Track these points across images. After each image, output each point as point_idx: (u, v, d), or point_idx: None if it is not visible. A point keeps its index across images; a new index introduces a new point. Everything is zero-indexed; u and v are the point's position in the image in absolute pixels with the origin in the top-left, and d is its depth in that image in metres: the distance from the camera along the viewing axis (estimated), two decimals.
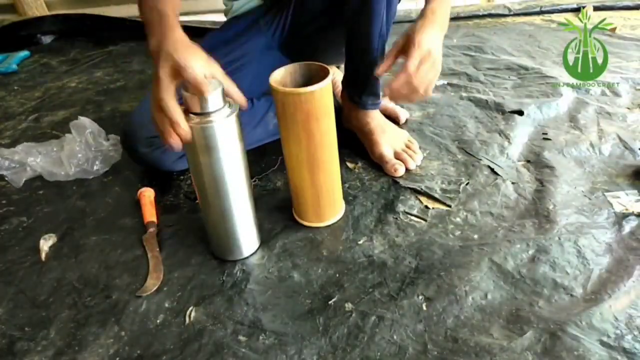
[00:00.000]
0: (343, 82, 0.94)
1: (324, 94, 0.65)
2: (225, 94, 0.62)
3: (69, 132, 0.97)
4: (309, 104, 0.65)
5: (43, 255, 0.75)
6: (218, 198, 0.66)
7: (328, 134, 0.69)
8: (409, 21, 1.77)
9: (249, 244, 0.72)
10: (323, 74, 0.66)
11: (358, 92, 0.89)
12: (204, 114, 0.60)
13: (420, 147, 0.96)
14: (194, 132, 0.60)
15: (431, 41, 0.72)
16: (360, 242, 0.74)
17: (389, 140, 0.91)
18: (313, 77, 0.68)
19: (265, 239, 0.76)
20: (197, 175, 0.65)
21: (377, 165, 0.91)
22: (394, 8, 0.82)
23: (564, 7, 1.93)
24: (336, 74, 1.11)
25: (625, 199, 0.79)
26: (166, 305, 0.65)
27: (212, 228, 0.71)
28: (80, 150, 0.93)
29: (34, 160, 0.94)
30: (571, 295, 0.62)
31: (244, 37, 0.93)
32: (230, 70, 0.91)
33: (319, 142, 0.69)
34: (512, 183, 0.85)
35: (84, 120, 0.97)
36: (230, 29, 0.97)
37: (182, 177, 0.92)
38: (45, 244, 0.77)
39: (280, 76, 0.69)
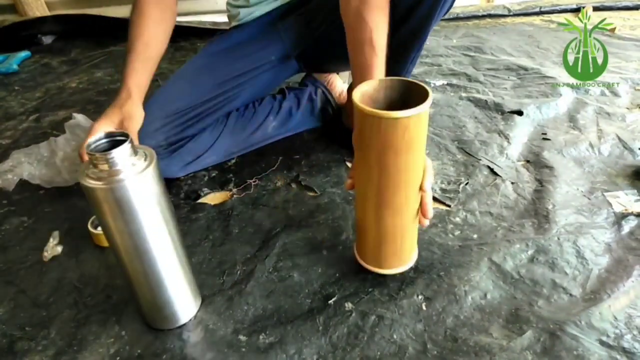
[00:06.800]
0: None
1: (411, 124, 0.50)
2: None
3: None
4: (390, 132, 0.50)
5: (47, 255, 0.75)
6: (139, 266, 0.55)
7: (407, 171, 0.54)
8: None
9: (182, 312, 0.61)
10: (422, 98, 0.51)
11: None
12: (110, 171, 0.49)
13: None
14: (99, 194, 0.49)
15: None
16: None
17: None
18: (411, 98, 0.54)
19: (266, 238, 0.76)
20: (111, 241, 0.54)
21: None
22: (438, 21, 0.81)
23: (563, 7, 1.94)
24: (334, 77, 1.11)
25: (624, 199, 0.79)
26: None
27: (138, 297, 0.59)
28: (75, 155, 0.92)
29: (29, 173, 0.92)
30: (570, 295, 0.62)
31: (260, 44, 0.92)
32: (244, 79, 0.91)
33: (392, 180, 0.55)
34: (512, 183, 0.85)
35: (79, 117, 0.94)
36: (242, 33, 0.95)
37: (182, 177, 0.92)
38: (50, 243, 0.77)
39: (372, 88, 0.56)
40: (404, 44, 0.79)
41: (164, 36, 0.80)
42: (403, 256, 0.64)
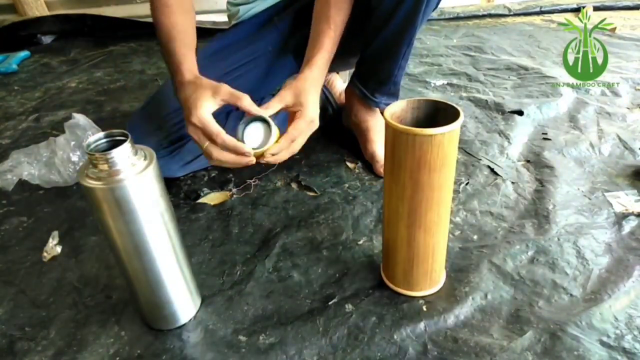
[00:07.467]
0: (357, 78, 0.92)
1: (445, 141, 0.51)
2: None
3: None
4: (424, 149, 0.51)
5: (46, 255, 0.75)
6: (139, 266, 0.55)
7: (441, 189, 0.54)
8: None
9: (182, 312, 0.61)
10: (451, 116, 0.52)
11: (375, 90, 0.89)
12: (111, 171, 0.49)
13: None
14: (99, 194, 0.49)
15: (317, 107, 0.70)
16: (360, 242, 0.74)
17: (384, 140, 0.92)
18: (439, 117, 0.55)
19: (266, 238, 0.76)
20: (110, 241, 0.54)
21: None
22: (428, 15, 0.81)
23: (563, 7, 1.94)
24: (334, 77, 1.11)
25: (625, 199, 0.79)
26: None
27: (138, 297, 0.59)
28: (75, 154, 0.92)
29: (28, 173, 0.92)
30: (571, 295, 0.62)
31: (256, 37, 0.93)
32: (241, 71, 0.91)
33: (426, 198, 0.55)
34: (512, 183, 0.85)
35: (78, 117, 0.94)
36: (240, 30, 0.96)
37: (182, 177, 0.92)
38: (49, 243, 0.77)
39: (400, 109, 0.57)
40: (393, 39, 0.79)
41: (193, 26, 0.79)
42: (434, 276, 0.63)
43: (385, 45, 0.81)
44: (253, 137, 0.64)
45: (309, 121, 0.68)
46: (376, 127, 0.93)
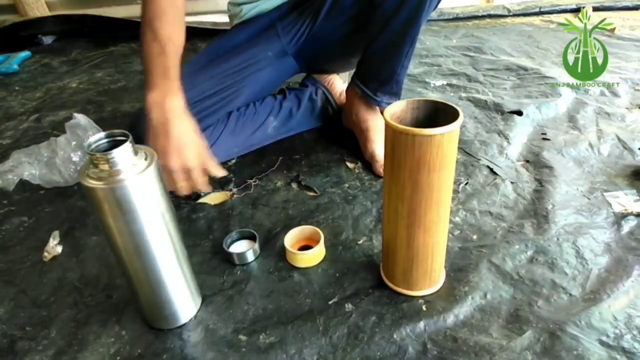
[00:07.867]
0: (359, 77, 0.92)
1: (444, 141, 0.51)
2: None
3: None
4: (423, 149, 0.51)
5: (47, 255, 0.75)
6: (140, 266, 0.55)
7: (440, 189, 0.54)
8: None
9: (182, 312, 0.62)
10: (451, 117, 0.53)
11: (377, 89, 0.89)
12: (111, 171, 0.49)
13: None
14: (100, 194, 0.49)
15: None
16: (360, 242, 0.74)
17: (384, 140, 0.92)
18: (438, 118, 0.55)
19: (266, 238, 0.76)
20: (111, 241, 0.54)
21: None
22: (430, 14, 0.82)
23: (563, 7, 1.94)
24: (334, 78, 1.12)
25: (624, 199, 0.79)
26: None
27: (139, 297, 0.59)
28: (75, 154, 0.92)
29: (29, 173, 0.92)
30: (570, 295, 0.62)
31: (257, 41, 0.93)
32: (242, 75, 0.91)
33: (425, 197, 0.55)
34: (511, 183, 0.85)
35: (79, 117, 0.94)
36: (241, 32, 0.96)
37: None
38: (50, 243, 0.77)
39: (399, 109, 0.57)
40: (396, 37, 0.79)
41: (183, 40, 0.77)
42: (433, 276, 0.63)
43: (388, 44, 0.81)
44: (237, 249, 0.74)
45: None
46: (376, 127, 0.93)
